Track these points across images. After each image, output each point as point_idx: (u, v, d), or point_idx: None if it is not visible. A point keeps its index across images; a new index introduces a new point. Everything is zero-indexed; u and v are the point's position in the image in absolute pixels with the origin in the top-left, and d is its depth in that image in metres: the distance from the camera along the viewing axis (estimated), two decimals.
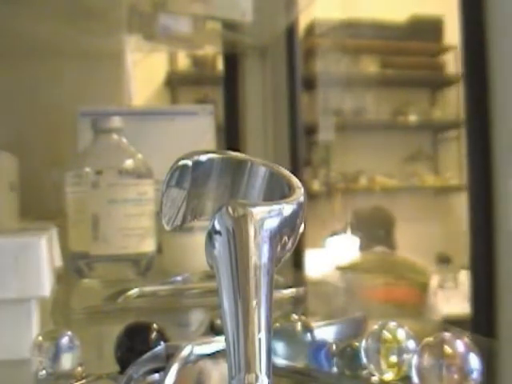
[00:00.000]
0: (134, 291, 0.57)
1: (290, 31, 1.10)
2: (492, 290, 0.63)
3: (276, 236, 0.24)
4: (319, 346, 0.32)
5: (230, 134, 1.16)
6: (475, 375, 0.26)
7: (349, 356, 0.31)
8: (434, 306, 2.42)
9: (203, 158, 0.27)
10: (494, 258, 0.63)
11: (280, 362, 0.31)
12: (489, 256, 0.63)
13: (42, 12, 0.92)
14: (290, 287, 0.58)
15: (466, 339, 0.27)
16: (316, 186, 3.25)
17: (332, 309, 0.68)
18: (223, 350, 0.28)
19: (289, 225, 0.25)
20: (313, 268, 1.25)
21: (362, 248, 2.63)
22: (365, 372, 0.30)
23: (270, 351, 0.22)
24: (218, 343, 0.30)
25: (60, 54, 1.01)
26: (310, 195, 3.03)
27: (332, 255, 2.84)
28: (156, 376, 0.29)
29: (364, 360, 0.29)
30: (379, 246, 2.55)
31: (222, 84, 1.21)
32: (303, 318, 0.34)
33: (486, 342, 0.45)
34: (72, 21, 0.95)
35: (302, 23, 2.00)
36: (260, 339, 0.22)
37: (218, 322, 0.36)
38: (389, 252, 2.57)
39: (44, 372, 0.32)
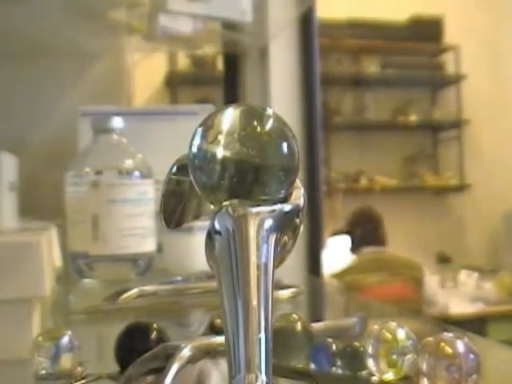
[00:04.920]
0: (134, 291, 0.57)
1: (306, 25, 1.10)
2: None
3: (276, 236, 0.24)
4: (319, 346, 0.32)
5: None
6: (475, 375, 0.26)
7: (349, 356, 0.31)
8: (432, 298, 2.43)
9: None
10: None
11: (280, 362, 0.31)
12: None
13: (42, 12, 0.92)
14: (290, 287, 0.58)
15: (466, 339, 0.27)
16: None
17: (332, 309, 0.68)
18: (223, 350, 0.28)
19: (289, 225, 0.25)
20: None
21: (354, 248, 2.64)
22: (365, 372, 0.30)
23: (269, 351, 0.22)
24: (217, 343, 0.30)
25: (60, 53, 1.01)
26: None
27: (333, 255, 2.84)
28: (156, 376, 0.29)
29: (364, 360, 0.29)
30: (369, 246, 2.56)
31: (222, 84, 1.21)
32: (303, 317, 0.34)
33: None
34: (72, 21, 0.95)
35: None
36: (260, 339, 0.22)
37: (218, 321, 0.36)
38: (380, 250, 2.57)
39: (44, 372, 0.32)
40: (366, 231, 2.61)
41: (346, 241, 2.83)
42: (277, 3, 1.06)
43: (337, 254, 2.86)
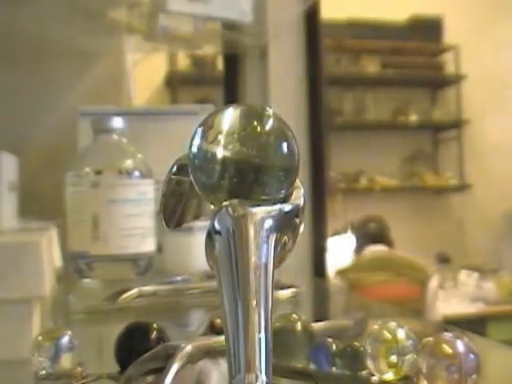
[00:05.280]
0: (134, 291, 0.57)
1: (309, 24, 1.10)
2: None
3: (276, 236, 0.24)
4: (319, 346, 0.32)
5: None
6: (475, 375, 0.26)
7: (349, 356, 0.31)
8: (433, 303, 2.43)
9: None
10: None
11: (280, 362, 0.31)
12: None
13: (42, 12, 0.92)
14: (290, 287, 0.58)
15: (466, 339, 0.27)
16: None
17: (333, 309, 0.68)
18: (223, 350, 0.28)
19: (289, 225, 0.25)
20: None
21: (360, 248, 2.63)
22: (365, 372, 0.30)
23: (269, 351, 0.22)
24: (217, 343, 0.30)
25: (60, 53, 1.01)
26: None
27: (333, 255, 2.84)
28: (156, 376, 0.29)
29: (364, 360, 0.29)
30: (376, 244, 2.55)
31: (222, 84, 1.21)
32: (303, 317, 0.34)
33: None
34: (72, 21, 0.95)
35: None
36: (260, 339, 0.22)
37: (218, 321, 0.36)
38: (386, 250, 2.57)
39: (44, 372, 0.32)
40: (374, 231, 2.61)
41: (347, 241, 2.83)
42: (277, 3, 1.06)
43: (337, 253, 2.86)
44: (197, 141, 0.24)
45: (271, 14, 1.05)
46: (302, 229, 0.26)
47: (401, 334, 0.29)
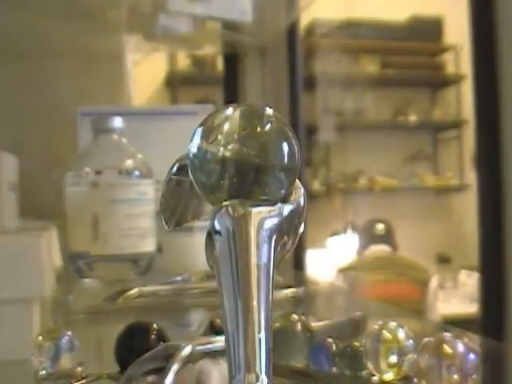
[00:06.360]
0: (134, 291, 0.57)
1: (291, 30, 1.10)
2: (501, 291, 0.63)
3: (276, 236, 0.24)
4: (319, 346, 0.32)
5: None
6: (475, 375, 0.26)
7: (349, 356, 0.31)
8: (434, 304, 2.43)
9: None
10: (504, 259, 0.63)
11: (280, 362, 0.31)
12: (498, 256, 0.63)
13: (42, 12, 0.92)
14: (290, 287, 0.58)
15: (466, 339, 0.27)
16: (316, 185, 3.25)
17: (333, 309, 0.68)
18: (223, 350, 0.28)
19: (289, 225, 0.25)
20: (314, 268, 1.25)
21: (363, 247, 2.64)
22: (365, 372, 0.30)
23: (269, 351, 0.22)
24: (217, 343, 0.30)
25: (60, 53, 1.01)
26: (310, 195, 3.02)
27: (333, 255, 2.84)
28: (156, 376, 0.30)
29: (364, 360, 0.29)
30: (378, 244, 2.55)
31: (222, 84, 1.21)
32: (303, 317, 0.34)
33: (496, 345, 0.45)
34: (72, 21, 0.95)
35: (302, 23, 2.00)
36: (260, 339, 0.22)
37: (218, 321, 0.36)
38: (388, 251, 2.57)
39: (44, 372, 0.32)
40: (380, 233, 2.61)
41: (347, 241, 2.83)
42: (277, 3, 1.06)
43: (336, 253, 2.86)
44: (197, 141, 0.24)
45: (270, 16, 1.06)
46: (302, 229, 0.26)
47: (401, 333, 0.29)
